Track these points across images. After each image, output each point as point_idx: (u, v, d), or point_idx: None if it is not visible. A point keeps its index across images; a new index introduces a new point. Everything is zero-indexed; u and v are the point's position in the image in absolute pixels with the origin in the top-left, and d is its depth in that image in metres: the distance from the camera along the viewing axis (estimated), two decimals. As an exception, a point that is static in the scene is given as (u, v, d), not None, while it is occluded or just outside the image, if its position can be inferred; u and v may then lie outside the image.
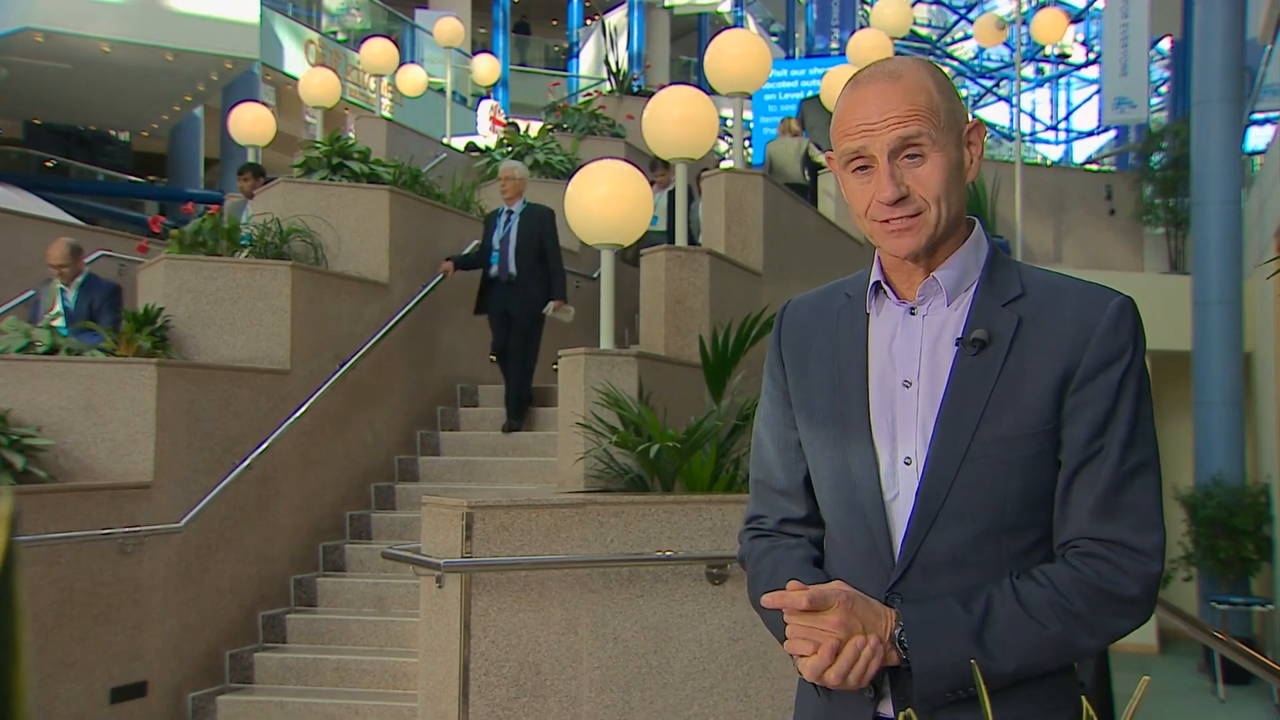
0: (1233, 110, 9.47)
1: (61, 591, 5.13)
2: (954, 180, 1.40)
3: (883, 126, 1.38)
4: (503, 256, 7.19)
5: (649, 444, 4.50)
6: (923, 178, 1.39)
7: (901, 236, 1.40)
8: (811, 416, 1.53)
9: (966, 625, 1.34)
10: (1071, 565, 1.37)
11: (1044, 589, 1.36)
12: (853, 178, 1.43)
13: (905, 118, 1.38)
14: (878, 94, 1.40)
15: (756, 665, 4.03)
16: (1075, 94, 31.90)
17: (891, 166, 1.38)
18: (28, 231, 8.36)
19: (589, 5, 24.82)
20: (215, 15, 13.67)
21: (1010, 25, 15.29)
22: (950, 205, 1.40)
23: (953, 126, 1.41)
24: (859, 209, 1.44)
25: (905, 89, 1.39)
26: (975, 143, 1.44)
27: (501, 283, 7.19)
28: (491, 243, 7.30)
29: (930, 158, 1.38)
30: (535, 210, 7.28)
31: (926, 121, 1.38)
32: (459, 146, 11.61)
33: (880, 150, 1.38)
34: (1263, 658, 3.06)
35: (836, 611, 1.35)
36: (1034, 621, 1.35)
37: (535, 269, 7.16)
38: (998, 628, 1.34)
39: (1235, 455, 9.15)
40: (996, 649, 1.34)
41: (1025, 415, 1.39)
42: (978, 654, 1.33)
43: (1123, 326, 1.39)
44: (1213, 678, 8.39)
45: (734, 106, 6.85)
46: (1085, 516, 1.37)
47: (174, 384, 5.80)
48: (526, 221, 7.21)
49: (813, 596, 1.35)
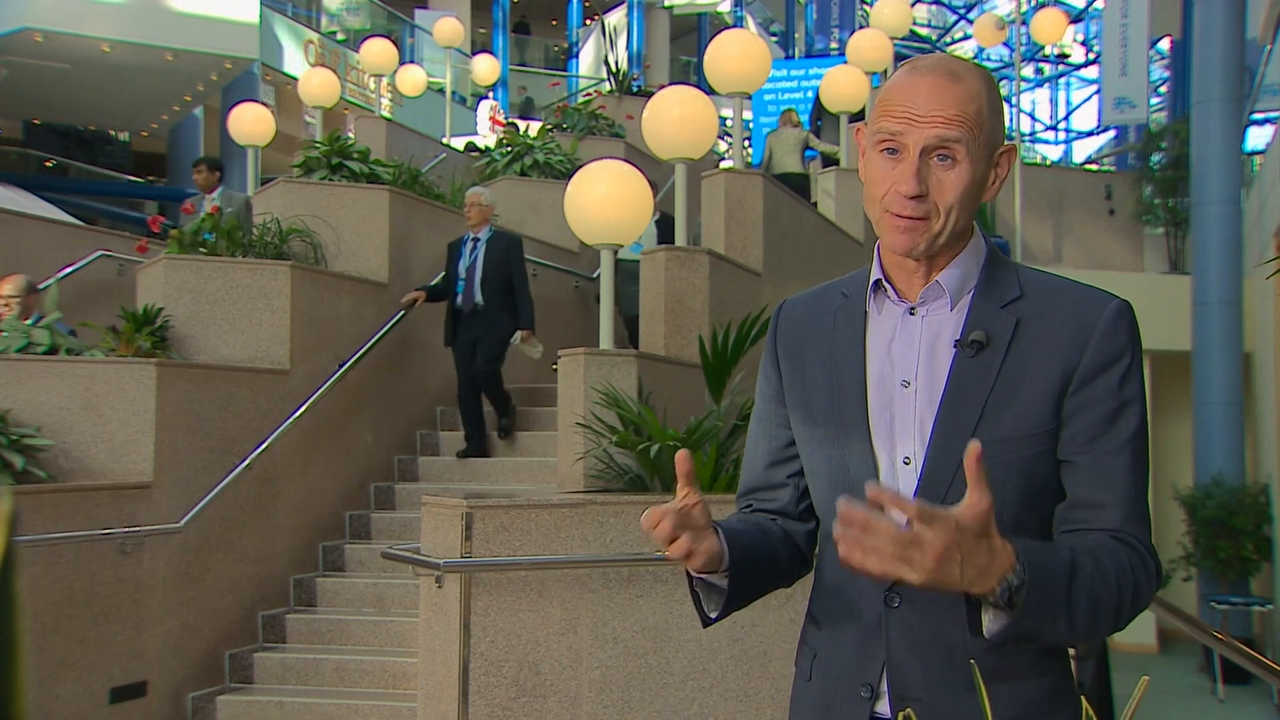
0: (1232, 110, 9.47)
1: (61, 591, 5.13)
2: (972, 194, 1.41)
3: (927, 120, 1.38)
4: (468, 286, 6.88)
5: (649, 444, 4.50)
6: (946, 183, 1.38)
7: (904, 234, 1.41)
8: (809, 416, 1.53)
9: (1064, 573, 1.28)
10: (1122, 547, 1.35)
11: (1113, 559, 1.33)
12: (879, 158, 1.41)
13: (951, 120, 1.37)
14: (933, 86, 1.39)
15: (756, 665, 4.03)
16: (1075, 94, 31.92)
17: (921, 162, 1.38)
18: (28, 231, 8.36)
19: (589, 5, 24.81)
20: (215, 15, 13.67)
21: (1010, 25, 15.30)
22: (959, 218, 1.40)
23: (989, 144, 1.41)
24: (876, 192, 1.42)
25: (961, 92, 1.39)
26: (1003, 165, 1.44)
27: (466, 314, 6.89)
28: (456, 271, 6.98)
29: (959, 166, 1.38)
30: (502, 237, 7.00)
31: (969, 130, 1.38)
32: (459, 146, 11.62)
33: (916, 142, 1.38)
34: (1262, 658, 3.06)
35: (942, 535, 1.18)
36: (1105, 583, 1.31)
37: (503, 299, 6.86)
38: (1082, 579, 1.29)
39: (1235, 455, 9.15)
40: (1078, 604, 1.28)
41: (1023, 417, 1.39)
42: (1064, 607, 1.27)
43: (1121, 329, 1.40)
44: (1212, 678, 8.39)
45: (734, 106, 6.85)
46: (1113, 515, 1.38)
47: (174, 384, 5.80)
48: (493, 249, 6.91)
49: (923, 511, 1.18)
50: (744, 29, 11.66)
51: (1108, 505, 1.38)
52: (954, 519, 1.18)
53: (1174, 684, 8.86)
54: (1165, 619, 4.41)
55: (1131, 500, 1.38)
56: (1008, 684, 1.37)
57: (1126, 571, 1.34)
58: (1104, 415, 1.38)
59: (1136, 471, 1.39)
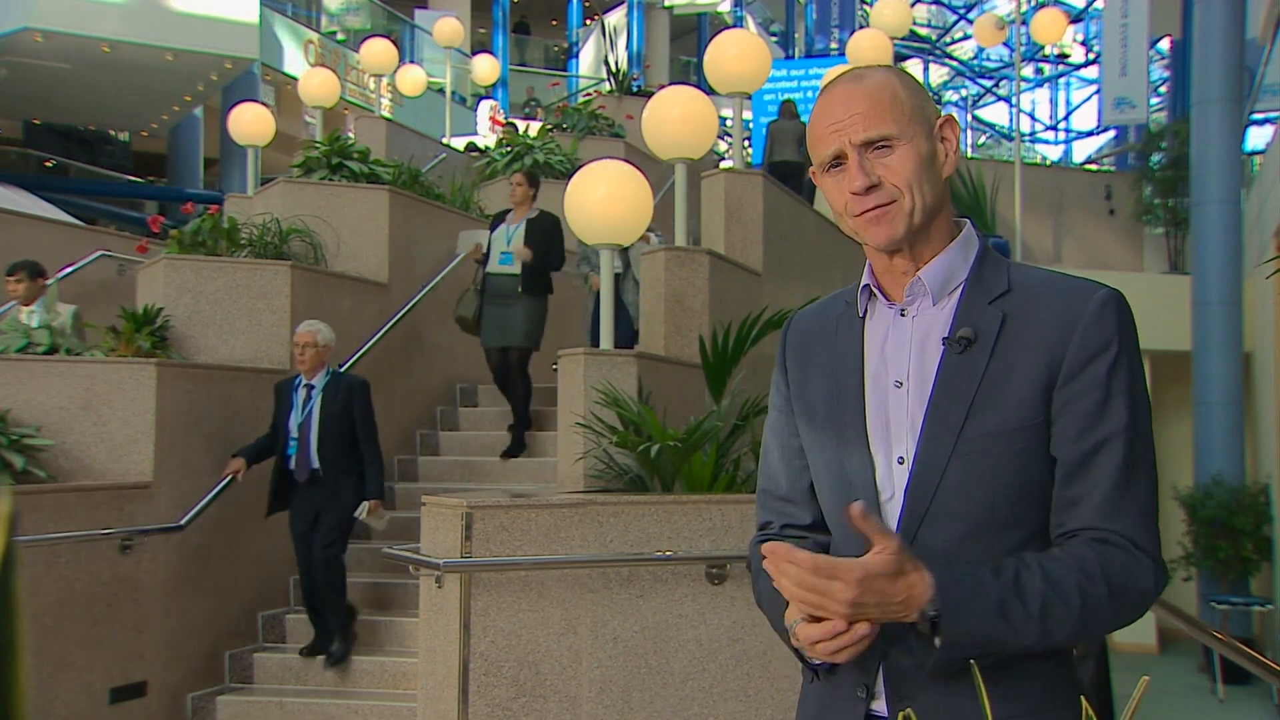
0: (1232, 110, 9.47)
1: (61, 591, 5.13)
2: (925, 169, 1.42)
3: (849, 122, 1.41)
4: (301, 448, 5.57)
5: (649, 444, 4.50)
6: (893, 166, 1.41)
7: (878, 224, 1.43)
8: (813, 421, 1.55)
9: (996, 594, 1.31)
10: (1093, 548, 1.35)
11: (1069, 567, 1.34)
12: (830, 179, 1.46)
13: (870, 112, 1.41)
14: (843, 94, 1.44)
15: (756, 665, 4.03)
16: (1075, 94, 31.91)
17: (861, 159, 1.41)
18: (28, 231, 8.36)
19: (589, 5, 24.82)
20: (215, 15, 13.68)
21: (1010, 25, 15.29)
22: (924, 194, 1.42)
23: (921, 119, 1.43)
24: (838, 207, 1.47)
25: (869, 88, 1.43)
26: (949, 137, 1.47)
27: (302, 482, 5.59)
28: (287, 426, 5.65)
29: (899, 148, 1.41)
30: (342, 380, 5.70)
31: (891, 114, 1.41)
32: (459, 146, 11.63)
33: (849, 144, 1.42)
34: (1262, 658, 3.06)
35: (849, 588, 1.28)
36: (1059, 598, 1.32)
37: (347, 460, 5.59)
38: (1025, 599, 1.31)
39: (1235, 455, 9.15)
40: (1020, 621, 1.31)
41: (1011, 411, 1.39)
42: (1002, 625, 1.30)
43: (1107, 318, 1.38)
44: (1212, 678, 8.39)
45: (734, 106, 6.85)
46: (1090, 511, 1.37)
47: (174, 384, 5.80)
48: (331, 398, 5.61)
49: (819, 565, 1.28)
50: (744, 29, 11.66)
51: (1086, 501, 1.37)
52: (860, 569, 1.27)
53: (1174, 684, 8.86)
54: (1165, 619, 4.41)
55: (1116, 494, 1.36)
56: (1005, 683, 1.37)
57: (1095, 578, 1.33)
58: (1090, 407, 1.37)
59: (1127, 464, 1.36)
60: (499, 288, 6.90)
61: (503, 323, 6.88)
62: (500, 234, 6.98)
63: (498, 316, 6.90)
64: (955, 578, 1.31)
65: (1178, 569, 9.26)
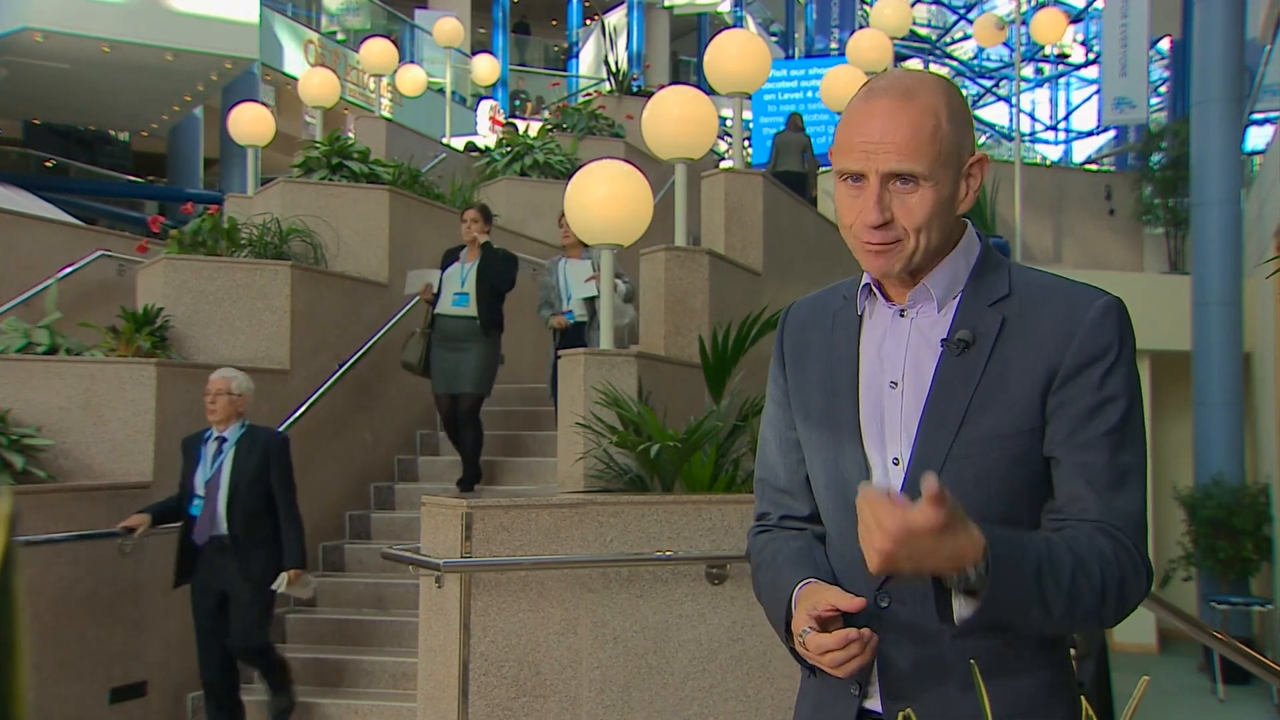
0: (1232, 110, 9.47)
1: (61, 591, 5.13)
2: (941, 213, 1.40)
3: (881, 150, 1.37)
4: (208, 505, 4.89)
5: (649, 444, 4.50)
6: (910, 207, 1.38)
7: (877, 258, 1.41)
8: (808, 417, 1.54)
9: (1034, 572, 1.29)
10: (1101, 536, 1.35)
11: (1094, 546, 1.33)
12: (844, 187, 1.42)
13: (906, 145, 1.36)
14: (886, 112, 1.38)
15: (756, 665, 4.03)
16: (1075, 94, 31.90)
17: (881, 190, 1.38)
18: (28, 231, 8.36)
19: (589, 5, 24.82)
20: (215, 15, 13.68)
21: (1010, 25, 15.29)
22: (931, 237, 1.40)
23: (954, 159, 1.40)
24: (845, 220, 1.44)
25: (915, 112, 1.37)
26: (975, 176, 1.43)
27: (207, 549, 4.92)
28: (193, 484, 4.97)
29: (922, 188, 1.38)
30: (260, 435, 5.05)
31: (928, 152, 1.37)
32: (458, 146, 11.62)
33: (875, 171, 1.38)
34: (1262, 658, 3.06)
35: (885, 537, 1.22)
36: (1085, 572, 1.31)
37: (261, 525, 4.93)
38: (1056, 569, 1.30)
39: (1235, 455, 9.15)
40: (1050, 591, 1.29)
41: (1008, 414, 1.39)
42: (1036, 600, 1.28)
43: (1107, 325, 1.38)
44: (1212, 678, 8.39)
45: (734, 106, 6.85)
46: (1086, 509, 1.37)
47: (174, 384, 5.80)
48: (245, 455, 4.95)
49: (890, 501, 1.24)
50: (744, 29, 11.66)
51: (1085, 499, 1.37)
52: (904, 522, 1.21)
53: (1174, 684, 8.86)
54: (1165, 619, 4.41)
55: (1112, 495, 1.36)
56: (1003, 680, 1.37)
57: (1110, 562, 1.33)
58: (1084, 410, 1.37)
59: (1119, 467, 1.36)
60: (450, 330, 6.51)
61: (454, 368, 6.50)
62: (453, 273, 6.58)
63: (448, 361, 6.51)
64: (1005, 540, 1.28)
65: (1178, 569, 9.26)
